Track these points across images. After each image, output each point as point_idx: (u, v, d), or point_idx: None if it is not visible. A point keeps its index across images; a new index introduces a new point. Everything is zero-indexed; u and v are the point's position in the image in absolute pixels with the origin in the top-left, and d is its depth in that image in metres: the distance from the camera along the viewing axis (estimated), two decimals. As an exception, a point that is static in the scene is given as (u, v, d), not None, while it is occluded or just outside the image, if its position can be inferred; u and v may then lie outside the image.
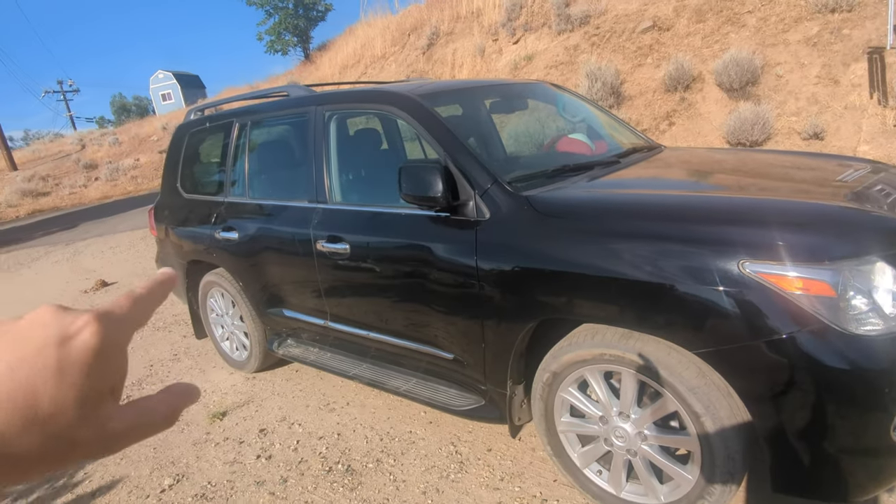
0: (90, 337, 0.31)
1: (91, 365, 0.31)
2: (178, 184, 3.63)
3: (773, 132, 6.09)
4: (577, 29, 9.31)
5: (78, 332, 0.31)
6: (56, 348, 0.30)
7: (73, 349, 0.30)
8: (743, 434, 1.60)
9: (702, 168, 2.57)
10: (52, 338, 0.30)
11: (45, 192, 18.75)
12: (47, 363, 0.29)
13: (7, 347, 0.30)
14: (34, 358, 0.29)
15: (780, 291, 1.46)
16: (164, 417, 0.36)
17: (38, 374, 0.29)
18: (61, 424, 0.30)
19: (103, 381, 0.32)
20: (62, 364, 0.30)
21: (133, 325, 0.35)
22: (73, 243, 9.62)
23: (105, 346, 0.32)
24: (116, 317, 0.33)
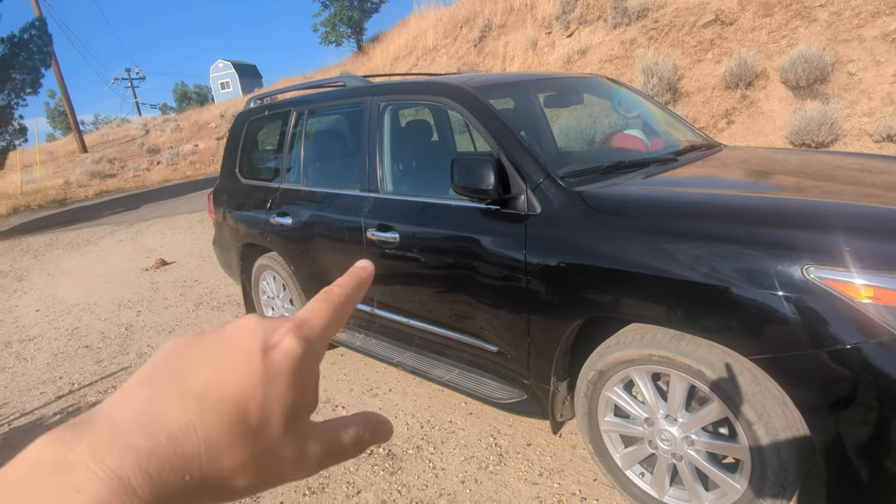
0: (293, 345, 0.30)
1: (294, 375, 0.29)
2: (236, 169, 3.77)
3: (841, 133, 5.77)
4: (633, 22, 9.05)
5: (280, 341, 0.29)
6: (262, 356, 0.28)
7: (277, 358, 0.29)
8: (798, 446, 1.55)
9: (763, 168, 2.47)
10: (258, 345, 0.29)
11: (111, 173, 19.81)
12: (255, 371, 0.28)
13: (214, 355, 0.28)
14: (242, 366, 0.28)
15: (846, 299, 1.40)
16: (354, 446, 0.33)
17: (247, 382, 0.28)
18: (268, 439, 0.28)
19: (303, 395, 0.30)
20: (268, 373, 0.28)
21: (329, 332, 0.33)
22: (136, 223, 10.14)
23: (305, 356, 0.30)
24: (314, 326, 0.32)
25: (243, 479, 0.27)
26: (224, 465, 0.26)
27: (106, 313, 5.06)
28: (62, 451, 0.23)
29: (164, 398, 0.26)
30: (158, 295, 5.43)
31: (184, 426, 0.25)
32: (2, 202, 15.08)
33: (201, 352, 0.29)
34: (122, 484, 0.23)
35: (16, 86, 12.57)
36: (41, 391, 3.59)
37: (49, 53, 13.62)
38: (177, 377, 0.27)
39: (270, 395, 0.28)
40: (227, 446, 0.26)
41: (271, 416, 0.28)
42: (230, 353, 0.29)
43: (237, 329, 0.30)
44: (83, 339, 4.47)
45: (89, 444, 0.23)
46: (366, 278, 0.36)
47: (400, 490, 2.26)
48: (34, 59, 12.88)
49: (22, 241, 9.91)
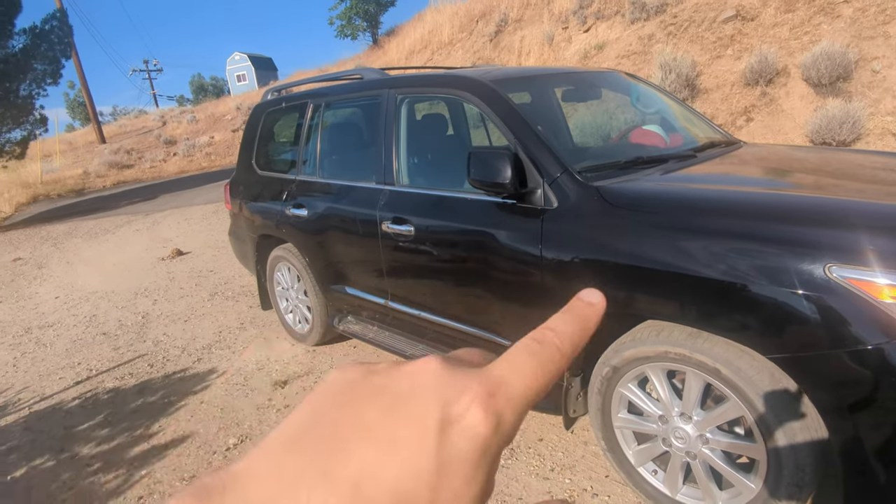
0: (480, 424, 0.21)
1: (476, 464, 0.21)
2: (253, 161, 3.80)
3: (863, 132, 5.66)
4: (652, 18, 8.95)
5: (464, 414, 0.21)
6: (438, 434, 0.21)
7: (458, 440, 0.21)
8: (815, 446, 1.53)
9: (783, 166, 2.43)
10: (435, 415, 0.21)
11: (128, 164, 20.06)
12: (427, 456, 0.21)
13: (381, 418, 0.21)
14: (412, 445, 0.21)
15: (869, 299, 1.38)
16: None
17: (414, 473, 0.20)
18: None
19: (482, 488, 0.22)
20: (442, 461, 0.21)
21: (532, 400, 0.23)
22: (153, 213, 10.27)
23: (494, 438, 0.22)
24: (512, 392, 0.23)
25: None
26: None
27: (123, 301, 5.13)
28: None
29: (311, 479, 0.20)
30: (174, 284, 5.50)
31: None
32: (22, 191, 15.35)
33: (367, 408, 0.22)
34: None
35: (37, 76, 12.75)
36: (60, 376, 3.66)
37: (70, 45, 13.79)
38: (330, 449, 0.21)
39: (441, 493, 0.20)
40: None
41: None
42: (400, 421, 0.21)
43: (415, 380, 0.23)
44: (101, 326, 4.54)
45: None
46: (592, 317, 0.27)
47: (411, 481, 2.27)
48: (55, 49, 13.06)
49: (42, 230, 10.08)
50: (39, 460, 2.71)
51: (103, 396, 3.31)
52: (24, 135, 13.22)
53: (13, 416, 3.19)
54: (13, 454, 2.78)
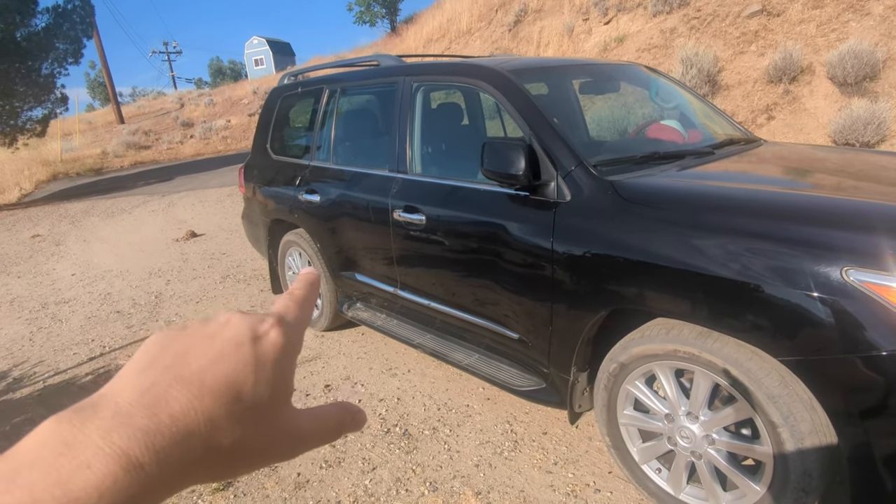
0: (277, 336, 0.32)
1: (279, 363, 0.32)
2: (267, 145, 3.81)
3: (888, 133, 5.53)
4: (675, 11, 8.79)
5: (267, 332, 0.32)
6: (251, 345, 0.31)
7: (265, 347, 0.32)
8: (824, 451, 1.51)
9: (804, 165, 2.38)
10: (247, 335, 0.31)
11: (146, 145, 20.24)
12: (246, 358, 0.30)
13: (205, 345, 0.31)
14: (234, 353, 0.30)
15: (886, 304, 1.35)
16: (335, 430, 0.35)
17: (239, 367, 0.30)
18: (260, 419, 0.30)
19: (286, 382, 0.33)
20: (258, 360, 0.31)
21: (301, 327, 0.36)
22: (168, 195, 10.37)
23: (287, 347, 0.33)
24: (290, 320, 0.35)
25: (240, 457, 0.29)
26: (223, 442, 0.28)
27: (137, 280, 5.20)
28: (71, 431, 0.25)
29: (164, 383, 0.28)
30: (187, 265, 5.55)
31: (184, 407, 0.27)
32: (42, 169, 15.57)
33: (192, 343, 0.31)
34: (130, 460, 0.24)
35: (59, 55, 12.87)
36: (74, 352, 3.72)
37: (91, 24, 13.89)
38: (173, 365, 0.29)
39: (260, 380, 0.30)
40: (224, 425, 0.28)
41: (261, 399, 0.30)
42: (221, 343, 0.31)
43: (224, 323, 0.33)
44: (115, 304, 4.61)
45: (97, 425, 0.25)
46: (314, 281, 0.40)
47: (414, 469, 2.28)
48: (77, 29, 13.15)
49: (60, 207, 10.23)
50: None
51: (115, 373, 3.36)
52: (45, 113, 13.37)
53: (28, 388, 3.25)
54: (27, 427, 2.84)
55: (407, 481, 2.22)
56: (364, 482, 2.23)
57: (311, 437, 0.34)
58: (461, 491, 2.14)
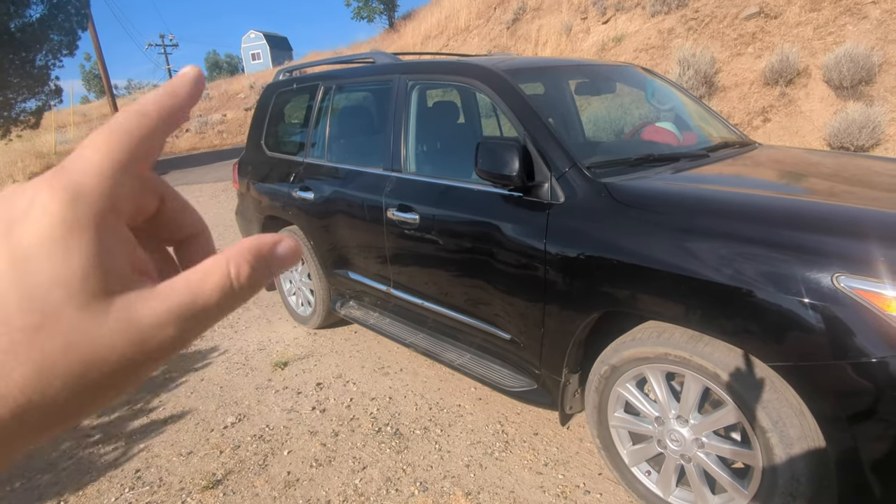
0: (48, 204, 0.22)
1: (63, 240, 0.21)
2: (262, 141, 3.79)
3: (883, 138, 5.55)
4: (673, 11, 8.79)
5: (29, 208, 0.22)
6: (3, 238, 0.21)
7: (27, 231, 0.21)
8: (812, 457, 1.51)
9: (798, 170, 2.38)
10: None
11: (141, 139, 20.10)
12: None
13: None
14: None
15: (876, 311, 1.35)
16: (223, 291, 0.24)
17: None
18: (61, 326, 0.21)
19: (104, 258, 0.22)
20: (15, 256, 0.21)
21: (126, 161, 0.24)
22: (163, 189, 10.29)
23: (78, 210, 0.22)
24: (88, 164, 0.23)
25: (56, 379, 0.21)
26: (15, 376, 0.20)
27: (129, 276, 5.16)
28: None
29: None
30: (181, 261, 5.52)
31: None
32: (36, 161, 15.45)
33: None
34: None
35: (53, 46, 12.78)
36: (64, 347, 3.69)
37: (86, 16, 13.79)
38: None
39: (29, 280, 0.21)
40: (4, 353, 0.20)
41: (44, 302, 0.21)
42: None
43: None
44: (107, 299, 4.57)
45: None
46: (180, 83, 0.27)
47: (405, 469, 2.28)
48: (72, 20, 13.06)
49: (53, 200, 10.14)
50: (41, 429, 2.74)
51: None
52: (38, 105, 13.29)
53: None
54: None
55: (397, 481, 2.21)
56: (354, 481, 2.22)
57: (186, 322, 0.23)
58: (451, 491, 2.14)
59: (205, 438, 2.57)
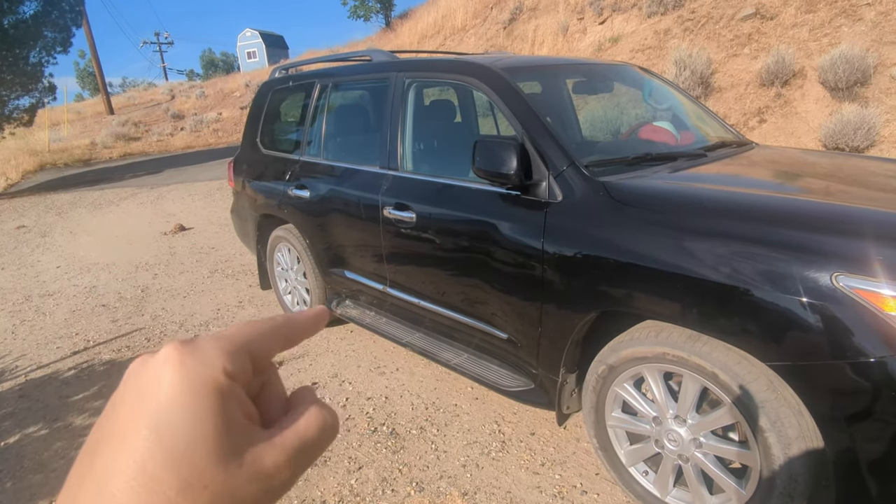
0: (172, 381, 0.25)
1: (192, 408, 0.25)
2: (257, 139, 3.76)
3: (878, 139, 5.57)
4: (669, 12, 8.80)
5: (157, 380, 0.26)
6: (140, 407, 0.25)
7: (159, 402, 0.25)
8: (810, 457, 1.51)
9: (795, 170, 2.38)
10: (134, 410, 0.25)
11: (136, 137, 20.02)
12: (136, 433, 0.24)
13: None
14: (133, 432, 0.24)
15: (874, 310, 1.34)
16: (322, 434, 0.30)
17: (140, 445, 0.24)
18: (199, 486, 0.24)
19: (229, 416, 0.26)
20: (154, 423, 0.24)
21: (248, 344, 0.29)
22: (157, 187, 10.25)
23: (206, 380, 0.26)
24: (213, 342, 0.28)
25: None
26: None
27: (124, 274, 5.13)
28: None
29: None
30: (175, 259, 5.49)
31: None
32: (29, 159, 15.33)
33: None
34: None
35: (47, 43, 12.66)
36: (57, 346, 3.66)
37: (80, 13, 13.69)
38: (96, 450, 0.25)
39: (169, 442, 0.24)
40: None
41: (190, 461, 0.24)
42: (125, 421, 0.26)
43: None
44: (100, 297, 4.54)
45: None
46: (320, 316, 0.35)
47: (401, 469, 2.26)
48: (66, 17, 12.95)
49: (46, 198, 10.09)
50: (33, 428, 2.71)
51: (99, 368, 3.32)
52: (32, 102, 13.17)
53: (9, 383, 3.20)
54: (7, 421, 2.79)
55: (393, 481, 2.20)
56: (350, 481, 2.21)
57: (300, 461, 0.28)
58: (448, 491, 2.13)
59: (199, 438, 2.55)
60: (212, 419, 0.25)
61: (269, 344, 0.30)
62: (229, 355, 0.27)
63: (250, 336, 0.29)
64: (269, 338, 0.30)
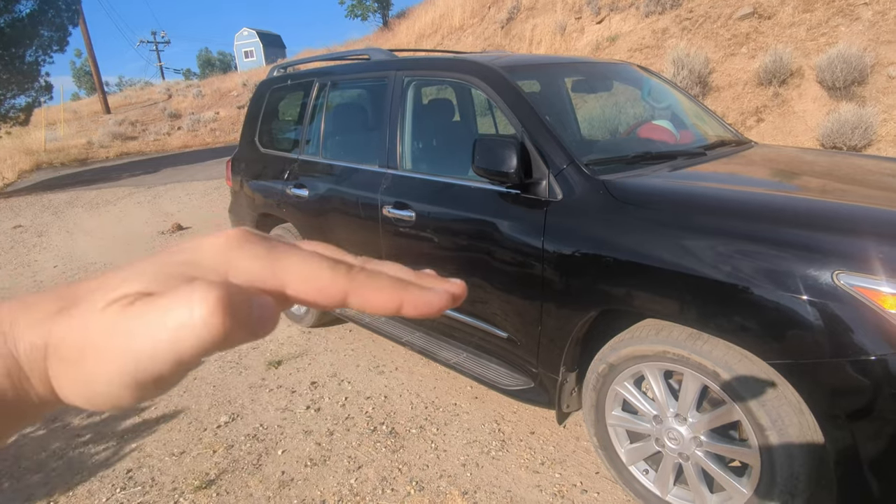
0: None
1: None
2: (255, 138, 3.75)
3: (875, 138, 5.58)
4: (667, 11, 8.81)
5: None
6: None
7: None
8: (811, 455, 1.51)
9: (793, 168, 2.39)
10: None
11: (132, 136, 19.95)
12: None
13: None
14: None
15: (875, 308, 1.34)
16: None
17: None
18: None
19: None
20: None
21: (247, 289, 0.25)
22: (155, 187, 10.22)
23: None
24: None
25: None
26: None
27: (121, 274, 5.10)
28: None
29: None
30: (173, 259, 5.47)
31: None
32: (25, 158, 15.28)
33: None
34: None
35: (43, 42, 12.62)
36: (54, 346, 3.64)
37: (77, 11, 13.65)
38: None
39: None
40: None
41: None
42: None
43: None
44: (97, 297, 4.52)
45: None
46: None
47: (400, 468, 2.26)
48: (62, 16, 12.91)
49: (43, 198, 10.05)
50: (30, 429, 2.70)
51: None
52: (28, 101, 13.13)
53: (6, 383, 3.18)
54: (4, 421, 2.78)
55: (393, 480, 2.20)
56: (349, 481, 2.20)
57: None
58: (447, 490, 2.13)
59: (198, 438, 2.54)
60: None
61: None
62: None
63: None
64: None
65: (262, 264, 0.26)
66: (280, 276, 0.26)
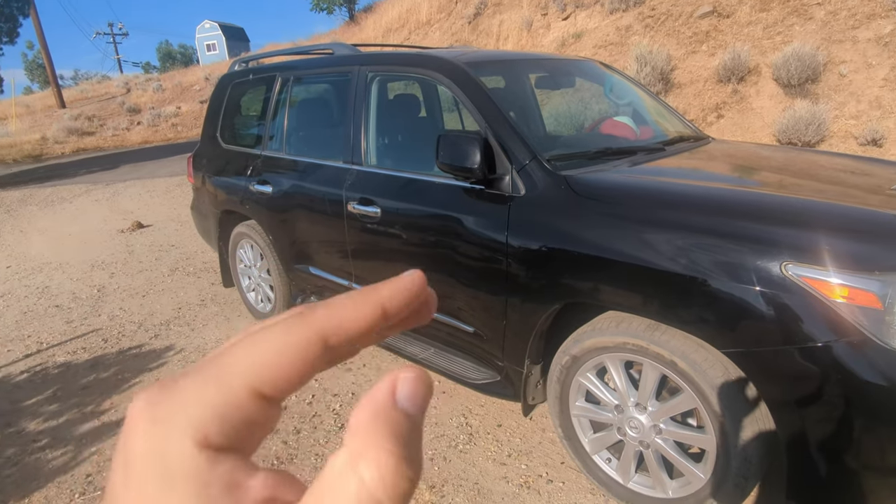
0: (133, 449, 0.19)
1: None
2: (217, 133, 3.67)
3: (828, 134, 5.81)
4: (631, 9, 8.96)
5: (125, 448, 0.20)
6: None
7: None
8: (763, 439, 1.57)
9: (749, 163, 2.47)
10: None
11: (89, 131, 19.24)
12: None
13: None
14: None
15: (821, 298, 1.40)
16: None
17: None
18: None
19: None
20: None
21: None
22: (113, 184, 9.89)
23: (155, 458, 0.19)
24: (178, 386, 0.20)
25: None
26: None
27: (78, 273, 4.94)
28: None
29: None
30: (133, 258, 5.31)
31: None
32: (-26, 154, 14.58)
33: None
34: None
35: (-9, 33, 12.05)
36: (8, 349, 3.50)
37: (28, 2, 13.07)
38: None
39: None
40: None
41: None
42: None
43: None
44: (54, 298, 4.36)
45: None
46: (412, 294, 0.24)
47: (369, 465, 2.25)
48: (11, 5, 12.36)
49: (-7, 196, 9.61)
50: (-20, 437, 2.59)
51: (53, 371, 3.19)
52: (-25, 95, 12.52)
53: (-46, 390, 3.04)
54: (-48, 430, 2.66)
55: (361, 477, 2.19)
56: (316, 480, 2.18)
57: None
58: (415, 486, 2.13)
59: (160, 441, 2.48)
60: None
61: (295, 365, 0.20)
62: (214, 410, 0.19)
63: (263, 358, 0.20)
64: (295, 354, 0.20)
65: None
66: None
